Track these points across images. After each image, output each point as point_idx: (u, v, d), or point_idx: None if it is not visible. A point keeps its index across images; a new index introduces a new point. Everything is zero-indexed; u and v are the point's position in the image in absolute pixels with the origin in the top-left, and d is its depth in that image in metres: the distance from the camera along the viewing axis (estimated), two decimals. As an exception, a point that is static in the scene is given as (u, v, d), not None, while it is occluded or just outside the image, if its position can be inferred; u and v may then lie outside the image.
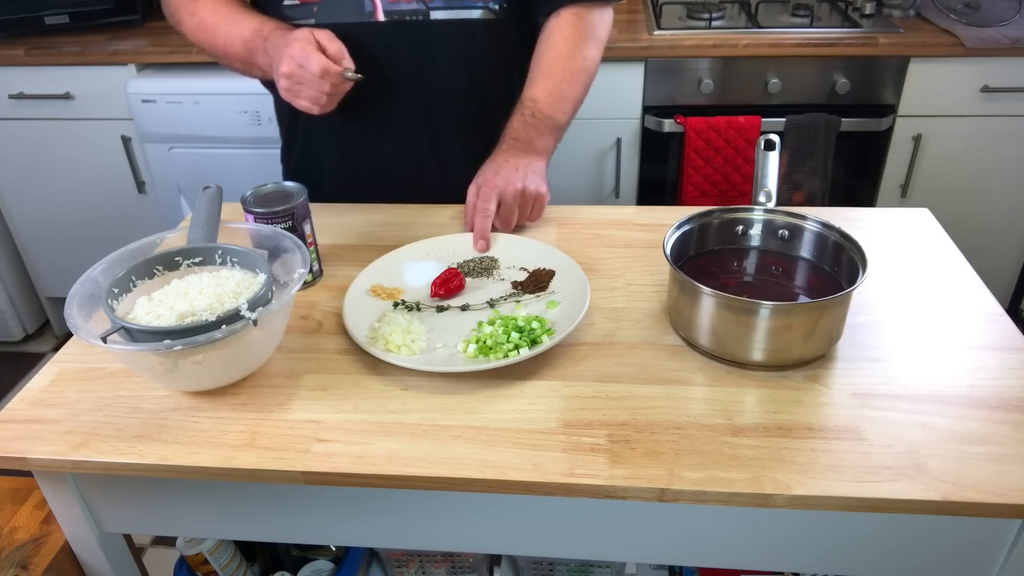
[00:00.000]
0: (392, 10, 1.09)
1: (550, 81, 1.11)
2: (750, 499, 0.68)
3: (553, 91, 1.10)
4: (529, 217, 1.07)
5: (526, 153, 1.06)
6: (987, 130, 1.99)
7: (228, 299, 0.79)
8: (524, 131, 1.08)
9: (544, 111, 1.09)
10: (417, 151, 1.20)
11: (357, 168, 1.23)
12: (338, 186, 1.24)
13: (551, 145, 1.11)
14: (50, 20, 2.10)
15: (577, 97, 1.13)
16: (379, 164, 1.21)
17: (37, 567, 0.89)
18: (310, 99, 0.99)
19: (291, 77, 0.98)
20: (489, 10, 1.12)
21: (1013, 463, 0.69)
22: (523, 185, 1.03)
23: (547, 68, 1.12)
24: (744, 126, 1.95)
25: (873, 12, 2.06)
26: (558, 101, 1.10)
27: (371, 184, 1.22)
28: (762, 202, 0.92)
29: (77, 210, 2.27)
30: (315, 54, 0.96)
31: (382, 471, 0.71)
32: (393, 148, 1.20)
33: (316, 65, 0.96)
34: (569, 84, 1.11)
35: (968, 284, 0.95)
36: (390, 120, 1.18)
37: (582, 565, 1.26)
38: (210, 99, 2.00)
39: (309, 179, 1.25)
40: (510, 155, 1.06)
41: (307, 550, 1.19)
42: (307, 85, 0.98)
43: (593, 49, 1.14)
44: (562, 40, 1.12)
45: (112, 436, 0.76)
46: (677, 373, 0.82)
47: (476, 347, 0.83)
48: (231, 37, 1.09)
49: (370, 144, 1.20)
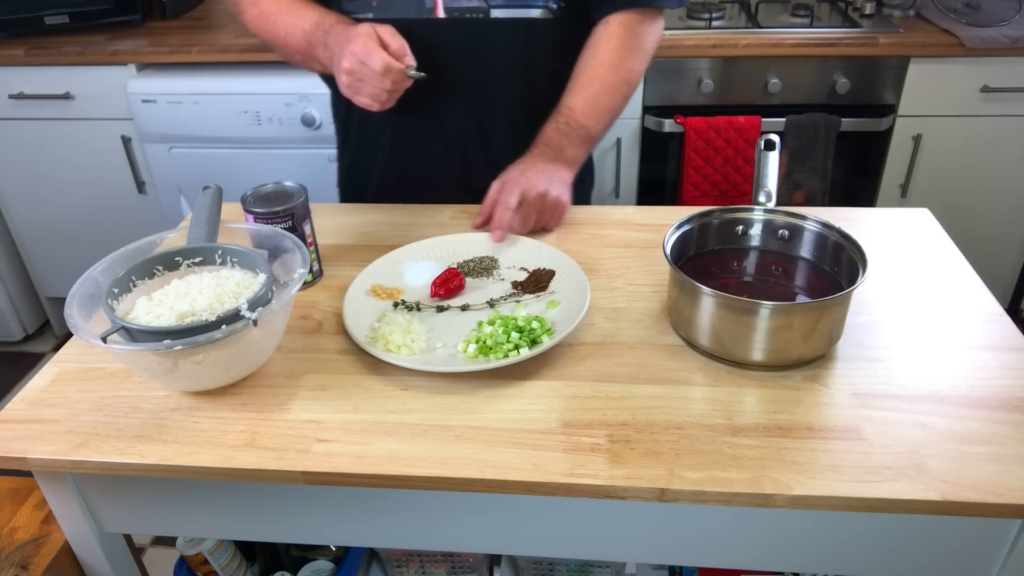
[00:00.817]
0: (453, 7, 1.09)
1: (589, 91, 1.10)
2: (750, 499, 0.68)
3: (591, 100, 1.09)
4: (547, 224, 1.07)
5: (555, 160, 1.06)
6: (987, 130, 1.99)
7: (228, 299, 0.79)
8: (556, 138, 1.08)
9: (579, 120, 1.09)
10: (466, 149, 1.19)
11: (404, 165, 1.22)
12: (385, 183, 1.23)
13: (581, 155, 1.11)
14: (50, 20, 2.10)
15: (615, 108, 1.12)
16: (427, 162, 1.21)
17: (37, 567, 0.89)
18: (370, 96, 0.98)
19: (352, 73, 0.97)
20: (548, 9, 1.11)
21: (1013, 463, 0.69)
22: (546, 189, 1.02)
23: (588, 77, 1.11)
24: (744, 126, 1.95)
25: (873, 12, 2.06)
26: (594, 111, 1.10)
27: (417, 182, 1.21)
28: (762, 202, 0.92)
29: (77, 210, 2.27)
30: (377, 51, 0.95)
31: (382, 471, 0.71)
32: (443, 145, 1.19)
33: (378, 62, 0.95)
34: (608, 95, 1.10)
35: (968, 284, 0.95)
36: (442, 117, 1.17)
37: (582, 565, 1.26)
38: (210, 99, 2.00)
39: (360, 175, 1.27)
40: (538, 159, 1.06)
41: (307, 550, 1.19)
42: (368, 82, 0.97)
43: (637, 61, 1.12)
44: (607, 50, 1.11)
45: (112, 436, 0.76)
46: (677, 373, 0.82)
47: (476, 347, 0.83)
48: (292, 28, 1.08)
49: (420, 141, 1.19)
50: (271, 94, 1.96)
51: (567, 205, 1.06)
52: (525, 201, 1.02)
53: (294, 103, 1.96)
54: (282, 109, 1.97)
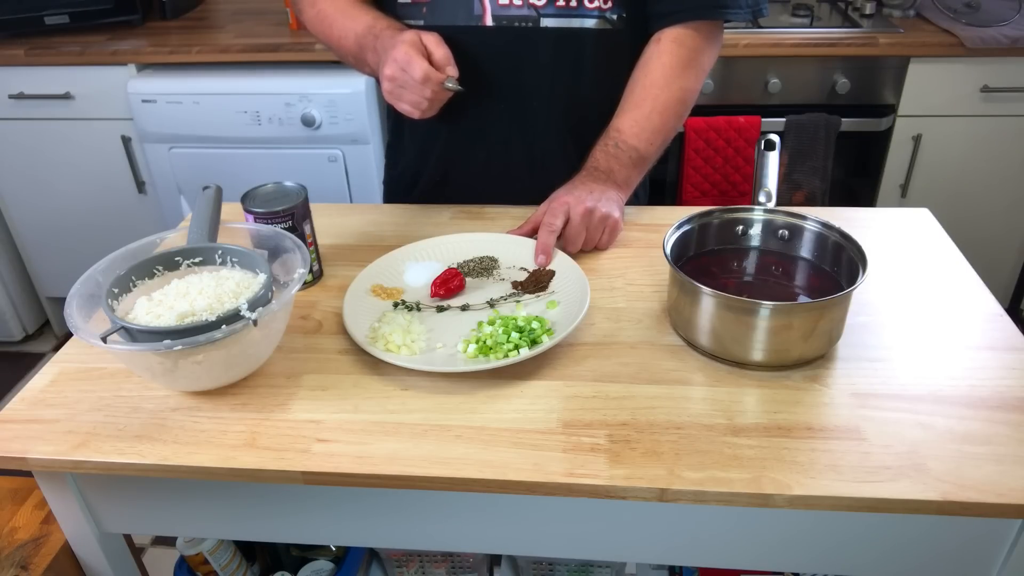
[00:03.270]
0: (501, 15, 1.07)
1: (639, 111, 1.07)
2: (750, 499, 0.68)
3: (641, 122, 1.06)
4: (600, 243, 1.03)
5: (604, 182, 1.04)
6: (987, 130, 1.99)
7: (228, 299, 0.79)
8: (605, 161, 1.05)
9: (628, 142, 1.06)
10: (509, 159, 1.17)
11: (447, 172, 1.21)
12: (429, 187, 1.23)
13: (633, 177, 1.08)
14: (50, 20, 2.10)
15: (668, 128, 1.09)
16: (469, 169, 1.19)
17: (37, 567, 0.89)
18: (411, 103, 0.98)
19: (393, 80, 0.97)
20: (605, 20, 1.08)
21: (1013, 463, 0.69)
22: (594, 205, 0.99)
23: (638, 97, 1.08)
24: (744, 126, 1.95)
25: (873, 12, 2.06)
26: (645, 132, 1.06)
27: (460, 188, 1.20)
28: (762, 202, 0.92)
29: (77, 210, 2.27)
30: (417, 59, 0.95)
31: (382, 471, 0.71)
32: (486, 154, 1.17)
33: (418, 71, 0.94)
34: (660, 115, 1.07)
35: (968, 284, 0.95)
36: (485, 125, 1.15)
37: (582, 565, 1.26)
38: (210, 99, 2.00)
39: (407, 179, 1.27)
40: (586, 179, 1.04)
41: (307, 550, 1.19)
42: (408, 89, 0.96)
43: (691, 79, 1.09)
44: (659, 68, 1.07)
45: (112, 436, 0.76)
46: (677, 373, 0.82)
47: (476, 347, 0.83)
48: (345, 31, 1.08)
49: (463, 148, 1.18)
50: (271, 94, 1.96)
51: (619, 222, 1.02)
52: (571, 219, 0.99)
53: (294, 103, 1.96)
54: (282, 109, 1.97)
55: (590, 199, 1.00)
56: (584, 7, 1.07)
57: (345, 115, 1.96)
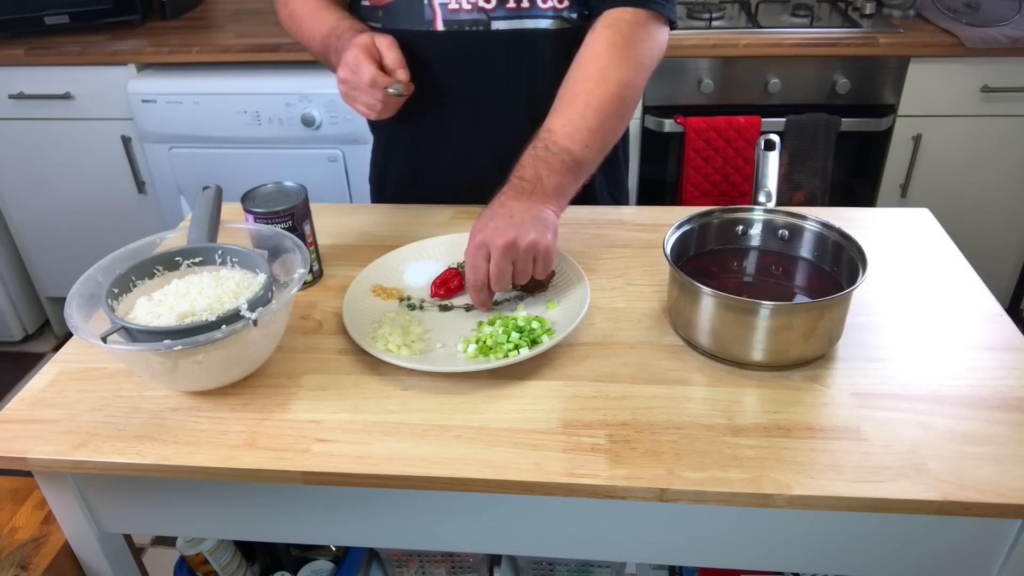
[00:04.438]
0: (452, 19, 1.06)
1: (572, 109, 0.96)
2: (750, 499, 0.68)
3: (575, 120, 0.94)
4: (535, 273, 0.88)
5: (529, 196, 0.89)
6: (987, 130, 1.99)
7: (228, 299, 0.79)
8: (532, 168, 0.92)
9: (560, 143, 0.93)
10: (474, 160, 1.17)
11: (415, 173, 1.22)
12: (400, 190, 1.23)
13: (567, 184, 0.92)
14: (50, 20, 2.10)
15: (606, 127, 0.96)
16: (437, 170, 1.20)
17: (37, 567, 0.89)
18: (365, 105, 0.99)
19: (346, 83, 0.98)
20: (563, 19, 1.05)
21: (1013, 463, 0.69)
22: (514, 237, 0.84)
23: (571, 94, 0.97)
24: (744, 126, 1.95)
25: (873, 12, 2.06)
26: (579, 132, 0.94)
27: (429, 189, 1.20)
28: (762, 202, 0.92)
29: (77, 210, 2.27)
30: (366, 63, 0.96)
31: (382, 471, 0.71)
32: (450, 155, 1.18)
33: (366, 75, 0.95)
34: (596, 113, 0.95)
35: (968, 284, 0.95)
36: (447, 129, 1.15)
37: (582, 565, 1.26)
38: (210, 99, 2.00)
39: (384, 179, 1.27)
40: (508, 198, 0.90)
41: (307, 550, 1.19)
42: (361, 92, 0.98)
43: (629, 69, 0.98)
44: (592, 59, 0.98)
45: (112, 436, 0.76)
46: (677, 373, 0.82)
47: (476, 347, 0.83)
48: (313, 31, 1.09)
49: (428, 150, 1.19)
50: (271, 94, 1.96)
51: (549, 247, 0.86)
52: (492, 258, 0.85)
53: (294, 103, 1.96)
54: (282, 109, 1.97)
55: (510, 229, 0.85)
56: (538, 7, 1.05)
57: (345, 115, 1.96)
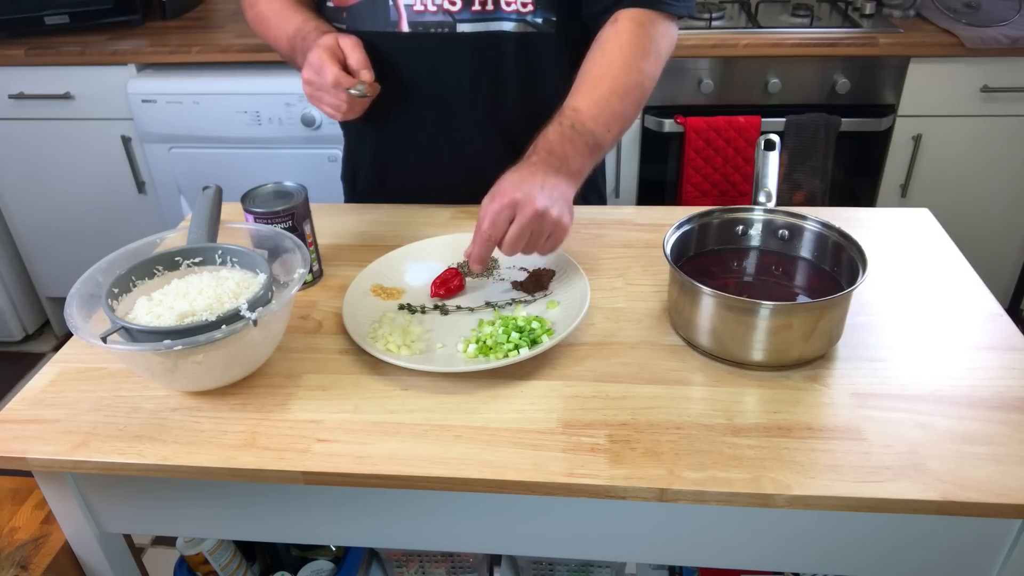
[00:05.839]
0: (417, 21, 1.06)
1: (598, 92, 0.96)
2: (750, 499, 0.68)
3: (600, 103, 0.95)
4: (541, 249, 0.88)
5: (557, 172, 0.89)
6: (987, 130, 1.99)
7: (228, 299, 0.79)
8: (560, 145, 0.91)
9: (586, 124, 0.93)
10: (441, 159, 1.17)
11: (383, 173, 1.22)
12: (369, 189, 1.24)
13: (587, 167, 0.93)
14: (50, 20, 2.10)
15: (627, 115, 0.98)
16: (404, 169, 1.20)
17: (37, 567, 0.89)
18: (331, 106, 0.99)
19: (311, 84, 0.98)
20: (527, 23, 1.05)
21: (1013, 463, 0.69)
22: (545, 207, 0.84)
23: (597, 77, 0.97)
24: (744, 126, 1.95)
25: (873, 12, 2.06)
26: (604, 115, 0.94)
27: (398, 189, 1.20)
28: (762, 202, 0.92)
29: (77, 210, 2.27)
30: (329, 64, 0.95)
31: (382, 471, 0.71)
32: (417, 156, 1.18)
33: (330, 75, 0.95)
34: (620, 99, 0.96)
35: (968, 284, 0.95)
36: (414, 130, 1.16)
37: (582, 565, 1.26)
38: (210, 99, 2.00)
39: (355, 180, 1.27)
40: (538, 168, 0.88)
41: (307, 550, 1.19)
42: (325, 92, 0.98)
43: (651, 64, 1.00)
44: (618, 49, 0.99)
45: (112, 436, 0.76)
46: (677, 373, 0.82)
47: (476, 347, 0.83)
48: (279, 32, 1.09)
49: (396, 152, 1.19)
50: (271, 94, 1.96)
51: (567, 231, 0.88)
52: (516, 220, 0.84)
53: (294, 103, 1.96)
54: (282, 109, 1.97)
55: (541, 197, 0.84)
56: (502, 10, 1.04)
57: (345, 115, 1.96)
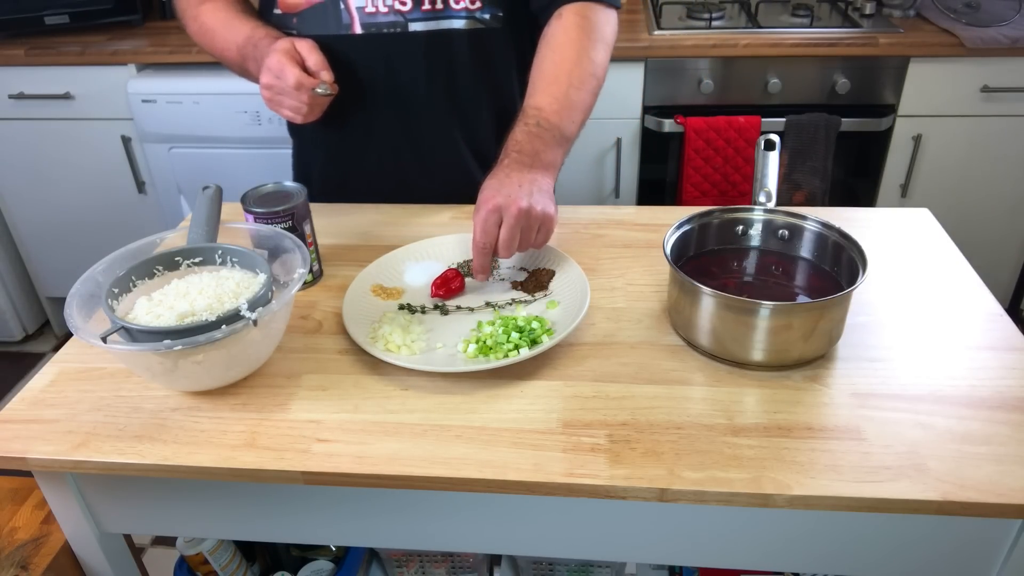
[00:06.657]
0: (370, 23, 1.08)
1: (556, 87, 1.00)
2: (750, 499, 0.68)
3: (560, 98, 0.99)
4: (534, 242, 0.92)
5: (531, 168, 0.93)
6: (987, 130, 1.99)
7: (228, 299, 0.79)
8: (529, 143, 0.95)
9: (550, 120, 0.98)
10: (400, 158, 1.19)
11: (343, 174, 1.23)
12: (327, 190, 1.23)
13: (559, 159, 0.98)
14: (50, 20, 2.10)
15: (586, 105, 1.02)
16: (365, 169, 1.21)
17: (37, 567, 0.89)
18: (291, 109, 1.00)
19: (271, 88, 0.99)
20: (476, 20, 1.08)
21: (1013, 463, 0.69)
22: (528, 204, 0.88)
23: (552, 74, 1.01)
24: (744, 126, 1.95)
25: (873, 12, 2.06)
26: (565, 109, 0.99)
27: (359, 189, 1.21)
28: (762, 202, 0.92)
29: (77, 210, 2.27)
30: (290, 67, 0.97)
31: (382, 471, 0.71)
32: (377, 157, 1.19)
33: (291, 78, 0.97)
34: (577, 91, 1.01)
35: (968, 284, 0.95)
36: (372, 130, 1.17)
37: (582, 565, 1.26)
38: (210, 99, 2.00)
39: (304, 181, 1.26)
40: (512, 170, 0.92)
41: (307, 550, 1.19)
42: (287, 96, 0.99)
43: (601, 52, 1.04)
44: (567, 43, 1.03)
45: (112, 436, 0.76)
46: (677, 373, 0.82)
47: (476, 347, 0.83)
48: (228, 43, 1.10)
49: (355, 152, 1.20)
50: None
51: (554, 219, 0.91)
52: (505, 223, 0.88)
53: (294, 103, 1.96)
54: (282, 109, 1.97)
55: (523, 196, 0.89)
56: (451, 8, 1.07)
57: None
